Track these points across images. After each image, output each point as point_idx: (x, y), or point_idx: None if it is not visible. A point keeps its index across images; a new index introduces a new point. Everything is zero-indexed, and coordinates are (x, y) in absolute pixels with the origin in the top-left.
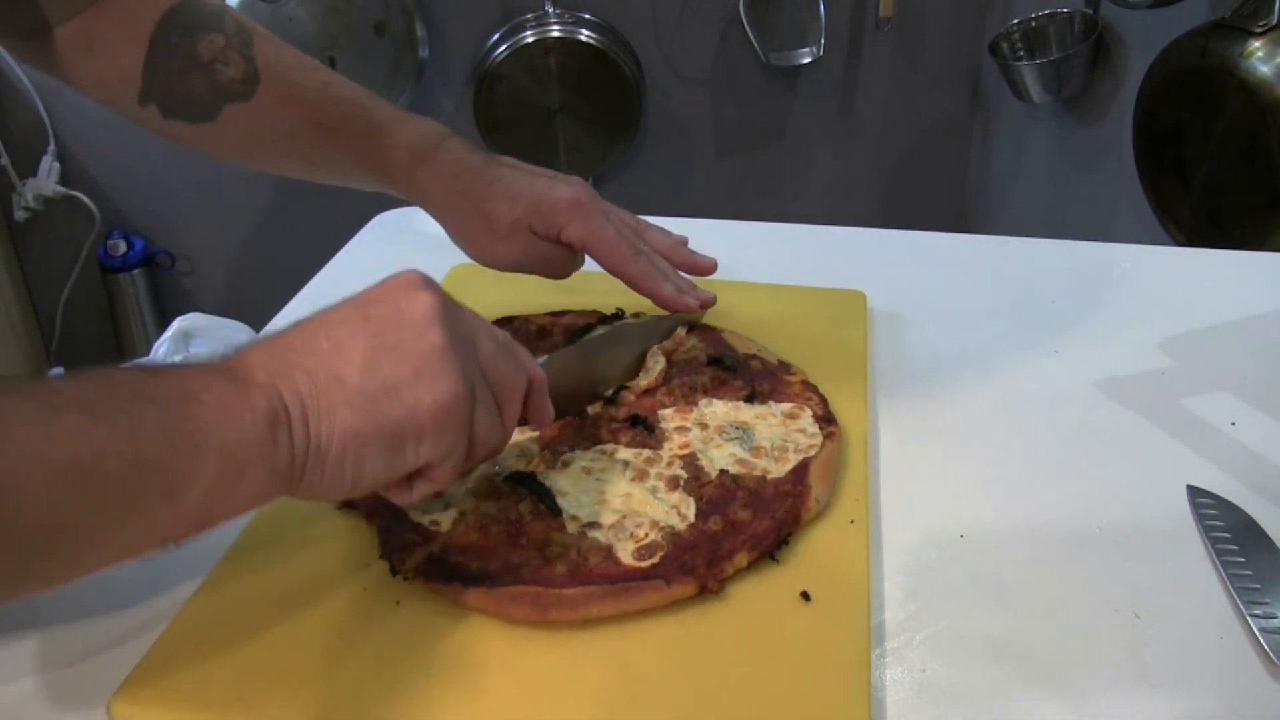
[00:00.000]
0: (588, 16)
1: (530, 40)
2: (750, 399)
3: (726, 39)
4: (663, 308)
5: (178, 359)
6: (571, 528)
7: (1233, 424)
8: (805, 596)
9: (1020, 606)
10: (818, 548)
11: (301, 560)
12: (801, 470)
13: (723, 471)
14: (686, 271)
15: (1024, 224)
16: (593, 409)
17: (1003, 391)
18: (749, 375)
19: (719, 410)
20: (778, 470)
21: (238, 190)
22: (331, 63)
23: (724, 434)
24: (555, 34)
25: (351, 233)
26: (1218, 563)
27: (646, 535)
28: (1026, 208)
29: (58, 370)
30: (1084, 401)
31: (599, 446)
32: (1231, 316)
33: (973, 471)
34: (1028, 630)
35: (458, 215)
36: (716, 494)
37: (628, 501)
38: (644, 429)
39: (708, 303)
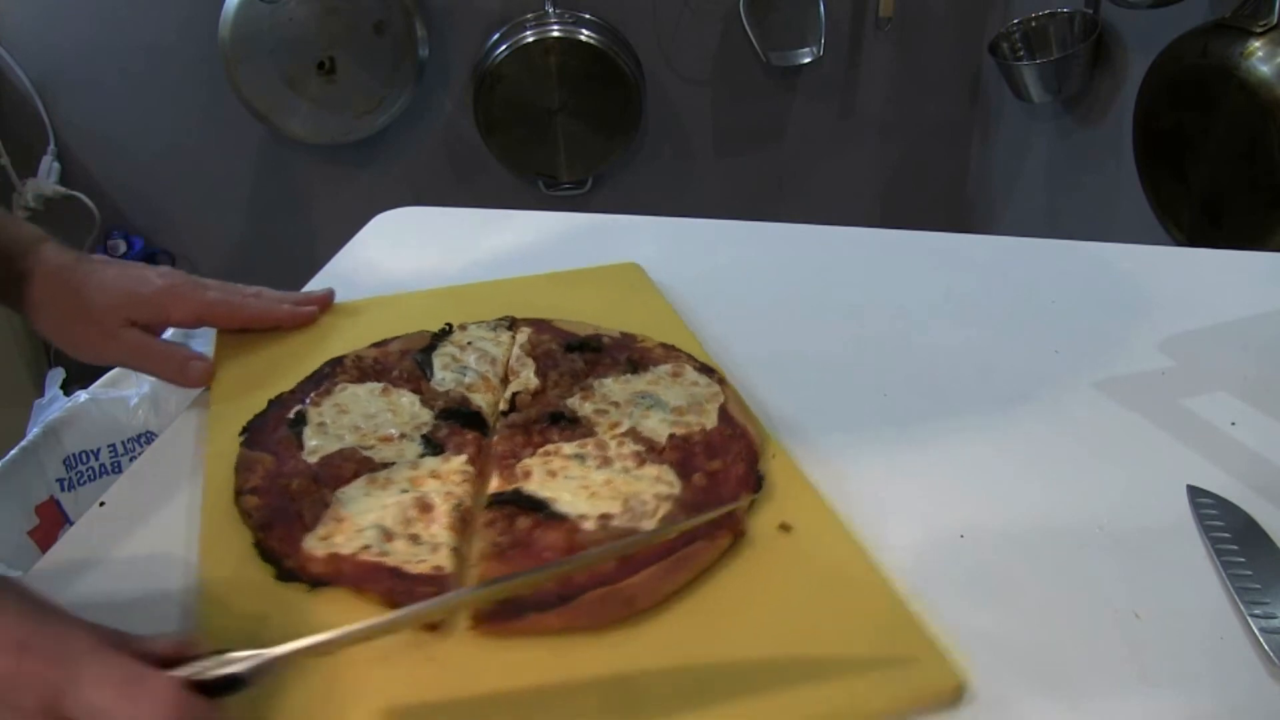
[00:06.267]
0: (588, 16)
1: (530, 40)
2: (634, 369)
3: (726, 39)
4: (285, 326)
5: None
6: (591, 525)
7: (1233, 424)
8: (784, 528)
9: (1020, 606)
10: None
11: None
12: (726, 415)
13: (671, 435)
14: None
15: (1024, 224)
16: (499, 420)
17: (1003, 391)
18: (613, 350)
19: (614, 388)
20: (709, 422)
21: (237, 190)
22: (331, 62)
23: (637, 405)
24: (555, 34)
25: (351, 233)
26: (1218, 563)
27: (659, 508)
28: (1026, 208)
29: (58, 370)
30: (1084, 401)
31: (541, 450)
32: (1231, 316)
33: (973, 471)
34: (1027, 630)
35: (55, 308)
36: (679, 457)
37: (614, 487)
38: (567, 422)
39: (324, 302)
